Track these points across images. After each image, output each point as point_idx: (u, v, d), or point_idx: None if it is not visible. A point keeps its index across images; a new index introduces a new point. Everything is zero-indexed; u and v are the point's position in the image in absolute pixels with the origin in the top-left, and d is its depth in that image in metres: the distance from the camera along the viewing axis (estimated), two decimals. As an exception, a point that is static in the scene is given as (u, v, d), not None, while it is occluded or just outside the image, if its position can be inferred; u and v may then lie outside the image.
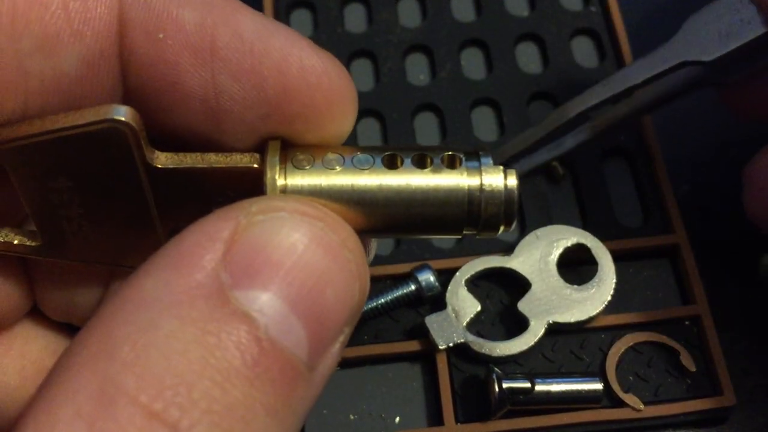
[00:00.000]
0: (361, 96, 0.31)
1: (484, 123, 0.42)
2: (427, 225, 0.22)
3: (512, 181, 0.22)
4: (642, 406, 0.33)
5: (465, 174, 0.22)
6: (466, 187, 0.22)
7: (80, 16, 0.20)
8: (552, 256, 0.36)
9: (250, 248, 0.18)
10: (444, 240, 0.38)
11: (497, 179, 0.22)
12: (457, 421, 0.34)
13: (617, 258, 0.36)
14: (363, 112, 0.42)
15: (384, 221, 0.22)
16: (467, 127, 0.41)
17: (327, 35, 0.44)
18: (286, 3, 0.45)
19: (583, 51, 0.44)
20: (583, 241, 0.36)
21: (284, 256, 0.18)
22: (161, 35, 0.21)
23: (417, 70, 0.44)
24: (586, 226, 0.38)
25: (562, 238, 0.36)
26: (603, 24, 0.44)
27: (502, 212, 0.22)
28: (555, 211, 0.39)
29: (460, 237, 0.23)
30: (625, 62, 0.42)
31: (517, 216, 0.22)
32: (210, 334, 0.17)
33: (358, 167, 0.21)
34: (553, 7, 0.45)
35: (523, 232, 0.38)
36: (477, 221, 0.22)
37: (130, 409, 0.16)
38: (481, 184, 0.22)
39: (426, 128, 0.42)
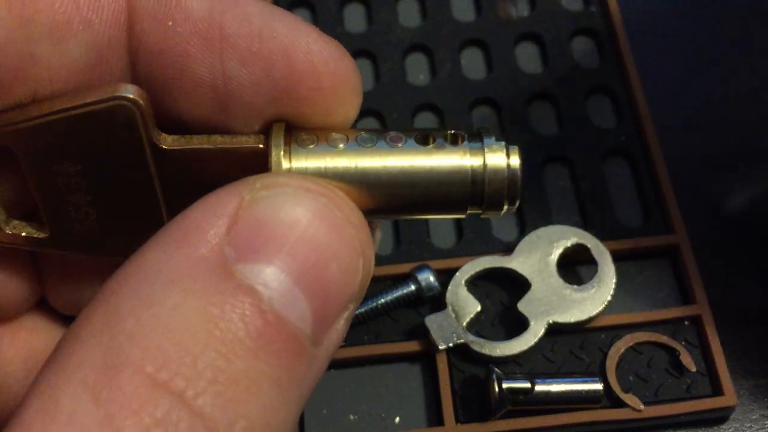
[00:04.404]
0: (361, 96, 0.31)
1: (483, 123, 0.42)
2: (431, 204, 0.22)
3: (515, 159, 0.22)
4: (642, 406, 0.33)
5: (468, 152, 0.22)
6: (469, 166, 0.22)
7: (90, 3, 0.21)
8: (552, 256, 0.36)
9: (254, 223, 0.18)
10: (444, 240, 0.38)
11: (500, 158, 0.22)
12: (457, 421, 0.34)
13: (617, 258, 0.36)
14: (363, 112, 0.42)
15: (388, 201, 0.22)
16: (467, 127, 0.41)
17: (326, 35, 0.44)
18: (286, 3, 0.45)
19: (583, 51, 0.44)
20: (583, 241, 0.36)
21: (288, 230, 0.19)
22: (170, 23, 0.21)
23: (417, 70, 0.44)
24: (586, 226, 0.38)
25: (562, 238, 0.36)
26: (603, 24, 0.44)
27: (505, 190, 0.22)
28: (555, 211, 0.39)
29: (463, 216, 0.23)
30: (624, 62, 0.42)
31: (521, 194, 0.22)
32: (214, 306, 0.17)
33: (362, 146, 0.22)
34: (553, 7, 0.45)
35: (523, 232, 0.38)
36: (481, 200, 0.22)
37: (136, 379, 0.16)
38: (485, 163, 0.22)
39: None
